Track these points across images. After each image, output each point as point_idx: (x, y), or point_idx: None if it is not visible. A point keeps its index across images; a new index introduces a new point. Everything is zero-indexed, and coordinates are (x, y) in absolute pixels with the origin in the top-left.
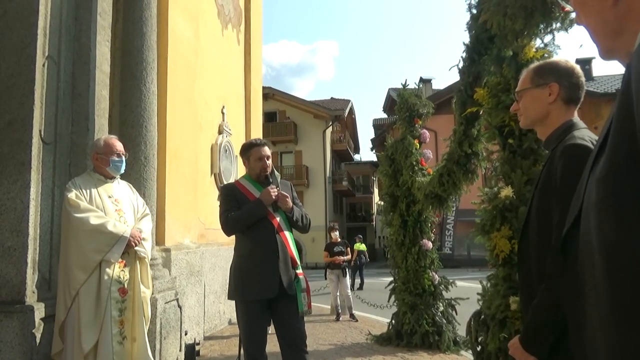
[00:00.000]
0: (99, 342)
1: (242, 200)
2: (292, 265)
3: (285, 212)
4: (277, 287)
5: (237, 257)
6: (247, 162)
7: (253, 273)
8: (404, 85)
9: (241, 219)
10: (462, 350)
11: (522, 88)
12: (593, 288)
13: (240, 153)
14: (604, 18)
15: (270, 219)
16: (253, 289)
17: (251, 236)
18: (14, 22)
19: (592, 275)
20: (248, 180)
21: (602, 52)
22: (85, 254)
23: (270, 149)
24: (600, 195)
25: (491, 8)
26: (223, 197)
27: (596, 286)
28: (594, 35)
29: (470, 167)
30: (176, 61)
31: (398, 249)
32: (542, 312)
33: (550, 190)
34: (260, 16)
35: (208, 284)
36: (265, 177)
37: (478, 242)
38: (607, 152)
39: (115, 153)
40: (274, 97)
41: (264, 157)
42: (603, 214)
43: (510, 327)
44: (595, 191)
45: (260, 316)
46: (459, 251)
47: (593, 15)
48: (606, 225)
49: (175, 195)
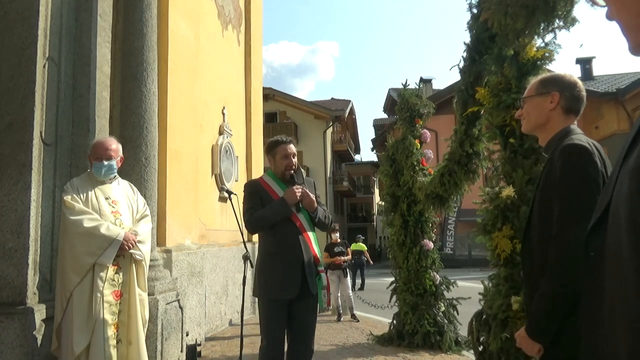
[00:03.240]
0: (91, 345)
1: (265, 198)
2: (315, 263)
3: (308, 212)
4: (299, 288)
5: (262, 256)
6: (273, 160)
7: (276, 274)
8: (404, 86)
9: (265, 218)
10: (464, 351)
11: (527, 95)
12: (619, 283)
13: (266, 150)
14: (636, 12)
15: (294, 220)
16: (276, 288)
17: (275, 237)
18: (14, 24)
19: (619, 270)
20: (272, 178)
21: (633, 46)
22: (78, 256)
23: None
24: (633, 187)
25: (492, 7)
26: (247, 194)
27: (624, 281)
28: (625, 30)
29: (471, 167)
30: (177, 62)
31: (399, 249)
32: (545, 301)
33: (550, 188)
34: (261, 17)
35: (209, 284)
36: (290, 175)
37: (479, 242)
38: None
39: (98, 157)
40: (275, 98)
41: (290, 155)
42: (636, 206)
43: (512, 327)
44: (628, 182)
45: (281, 314)
46: (460, 251)
47: (625, 9)
48: (638, 218)
49: (176, 196)
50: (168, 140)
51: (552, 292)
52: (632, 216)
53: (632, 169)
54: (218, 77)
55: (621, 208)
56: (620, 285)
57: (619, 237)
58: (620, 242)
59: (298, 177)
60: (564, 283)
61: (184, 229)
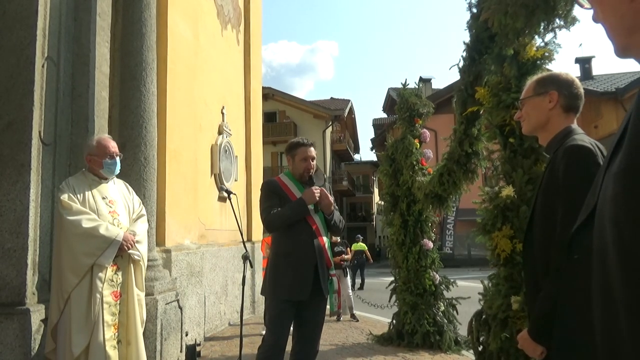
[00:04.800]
0: (90, 346)
1: (283, 198)
2: (327, 267)
3: (324, 214)
4: (310, 290)
5: (275, 256)
6: (292, 161)
7: (290, 274)
8: (403, 85)
9: (283, 217)
10: (464, 350)
11: (525, 96)
12: (603, 286)
13: (286, 151)
14: (621, 14)
15: (310, 223)
16: (288, 288)
17: (290, 238)
18: (13, 23)
19: (603, 271)
20: (290, 178)
21: (618, 49)
22: (76, 257)
23: (273, 148)
24: (617, 190)
25: (492, 7)
26: (265, 193)
27: (608, 283)
28: (610, 32)
29: (470, 167)
30: (176, 62)
31: (399, 248)
32: (547, 303)
33: (553, 189)
34: (260, 16)
35: (208, 284)
36: (309, 177)
37: (479, 242)
38: (624, 147)
39: (108, 155)
40: (274, 98)
41: (309, 158)
42: (619, 208)
43: (512, 327)
44: (611, 186)
45: (289, 314)
46: (459, 251)
47: (610, 11)
48: (622, 220)
49: (175, 196)
50: (167, 140)
51: (555, 294)
52: (615, 218)
53: (615, 172)
54: (217, 77)
55: (606, 210)
56: (605, 288)
57: (604, 239)
58: (606, 243)
59: (318, 180)
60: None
61: (184, 229)
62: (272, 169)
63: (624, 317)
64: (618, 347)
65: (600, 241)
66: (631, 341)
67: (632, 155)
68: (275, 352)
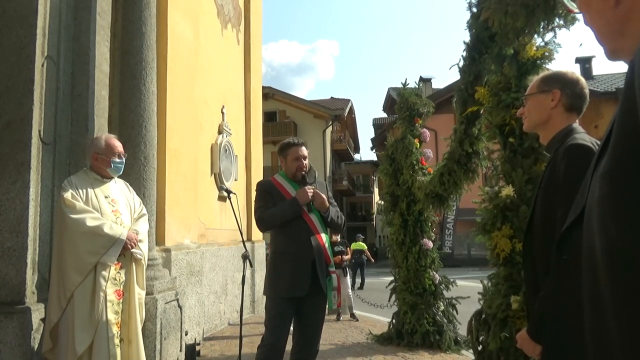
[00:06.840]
0: (94, 344)
1: (278, 197)
2: (326, 263)
3: (320, 212)
4: (309, 287)
5: (273, 255)
6: (284, 161)
7: (287, 272)
8: (404, 85)
9: (276, 216)
10: (463, 350)
11: (529, 93)
12: (592, 285)
13: (278, 152)
14: (607, 19)
15: (307, 220)
16: (286, 286)
17: (287, 236)
18: (12, 22)
19: (592, 271)
20: (284, 178)
21: (608, 53)
22: (80, 256)
23: (273, 148)
24: (603, 191)
25: (492, 6)
26: (259, 192)
27: (596, 282)
28: (599, 36)
29: (470, 166)
30: (176, 61)
31: (399, 248)
32: (547, 302)
33: (553, 188)
34: (260, 16)
35: (208, 284)
36: (302, 176)
37: (479, 242)
38: (610, 149)
39: (116, 154)
40: (274, 97)
41: (301, 157)
42: (606, 209)
43: (512, 327)
44: (598, 187)
45: (288, 312)
46: (458, 250)
47: (596, 16)
48: (609, 221)
49: (175, 195)
50: (167, 139)
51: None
52: (602, 218)
53: (601, 173)
54: (217, 76)
55: (593, 211)
56: (594, 288)
57: (592, 239)
58: (594, 243)
59: (310, 178)
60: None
61: (183, 228)
62: (272, 168)
63: (611, 317)
64: (607, 347)
65: (588, 241)
66: (620, 341)
67: (617, 156)
68: (275, 352)
